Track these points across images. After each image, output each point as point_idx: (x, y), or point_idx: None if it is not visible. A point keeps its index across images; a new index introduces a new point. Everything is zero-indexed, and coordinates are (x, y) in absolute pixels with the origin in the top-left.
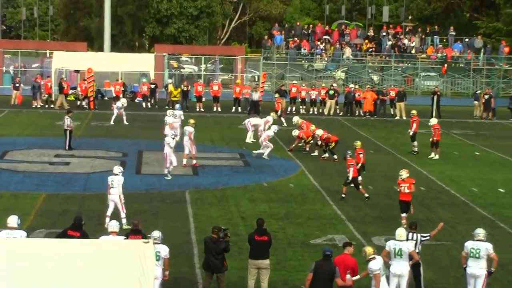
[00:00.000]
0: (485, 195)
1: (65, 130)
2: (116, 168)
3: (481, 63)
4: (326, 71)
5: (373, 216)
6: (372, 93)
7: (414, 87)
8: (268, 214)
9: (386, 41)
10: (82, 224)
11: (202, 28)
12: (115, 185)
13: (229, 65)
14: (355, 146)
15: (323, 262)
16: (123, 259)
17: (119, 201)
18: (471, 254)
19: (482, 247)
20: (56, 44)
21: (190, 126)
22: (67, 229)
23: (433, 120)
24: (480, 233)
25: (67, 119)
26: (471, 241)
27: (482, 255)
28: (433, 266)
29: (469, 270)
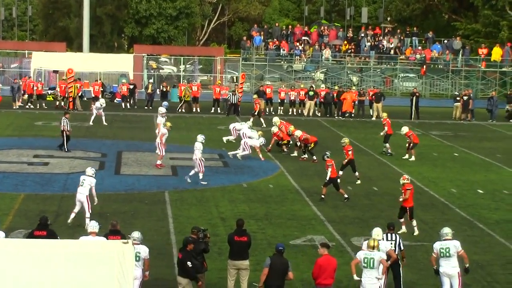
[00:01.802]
0: (464, 196)
1: (62, 132)
2: (89, 170)
3: (460, 65)
4: (305, 72)
5: (353, 217)
6: (351, 94)
7: (393, 88)
8: (248, 214)
9: (365, 42)
10: (48, 223)
11: (181, 29)
12: (85, 184)
13: (208, 66)
14: (343, 144)
15: (278, 257)
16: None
17: (86, 201)
18: (441, 254)
19: (450, 245)
20: (35, 44)
21: (166, 128)
22: (33, 230)
23: (404, 129)
24: (448, 233)
25: (64, 121)
26: (439, 242)
27: (452, 253)
28: (413, 267)
29: (442, 269)
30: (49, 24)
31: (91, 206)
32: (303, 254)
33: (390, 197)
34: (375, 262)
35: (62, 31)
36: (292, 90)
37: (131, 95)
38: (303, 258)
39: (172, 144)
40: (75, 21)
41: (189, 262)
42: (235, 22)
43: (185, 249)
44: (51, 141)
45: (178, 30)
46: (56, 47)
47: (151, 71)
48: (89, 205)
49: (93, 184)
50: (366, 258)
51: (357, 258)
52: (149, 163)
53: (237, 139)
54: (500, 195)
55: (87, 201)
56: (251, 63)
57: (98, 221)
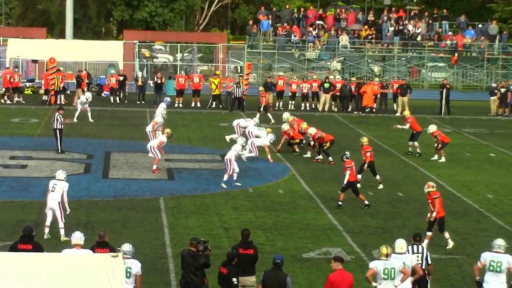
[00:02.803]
0: (501, 203)
1: (55, 130)
2: (59, 173)
3: (496, 52)
4: (320, 61)
5: (374, 226)
6: (372, 87)
7: (420, 79)
8: (254, 224)
9: (388, 27)
10: (33, 235)
11: (178, 12)
12: (56, 189)
13: (209, 54)
14: (361, 143)
15: (273, 272)
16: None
17: (58, 209)
18: (490, 267)
19: (503, 259)
20: (11, 30)
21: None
22: (17, 242)
23: (431, 128)
24: (501, 245)
25: (58, 116)
26: (490, 253)
27: (504, 268)
28: (443, 283)
29: (487, 286)
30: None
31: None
32: (317, 269)
33: (417, 204)
34: (396, 272)
35: (42, 15)
36: (305, 82)
37: (121, 88)
38: (317, 273)
39: (168, 144)
40: (56, 4)
41: (235, 278)
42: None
43: (230, 263)
44: (29, 140)
45: (174, 14)
46: (35, 33)
47: (144, 61)
48: (62, 213)
49: (65, 189)
50: (386, 268)
51: (372, 268)
52: (141, 165)
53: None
54: None
55: (60, 208)
56: (258, 51)
57: (84, 232)
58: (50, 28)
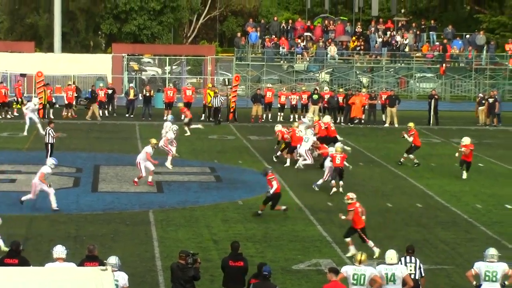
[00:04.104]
0: (490, 212)
1: (46, 144)
2: None
3: (484, 62)
4: (308, 72)
5: None
6: (361, 98)
7: (408, 90)
8: (244, 236)
9: (376, 38)
10: (20, 249)
11: (166, 25)
12: None
13: (198, 67)
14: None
15: (262, 284)
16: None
17: None
18: (486, 277)
19: (498, 268)
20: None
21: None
22: (4, 257)
23: (466, 140)
24: (494, 255)
25: (50, 131)
26: (483, 263)
27: (499, 277)
28: None
29: None
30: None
31: None
32: (307, 280)
33: (406, 215)
34: (366, 280)
35: (30, 29)
36: (294, 94)
37: (110, 101)
38: (307, 285)
39: (157, 157)
40: (44, 17)
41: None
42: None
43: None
44: (18, 154)
45: (163, 27)
46: (24, 47)
47: (132, 74)
48: None
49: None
50: (356, 274)
51: (342, 273)
52: (131, 178)
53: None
54: None
55: None
56: (246, 63)
57: (73, 246)
58: (38, 42)
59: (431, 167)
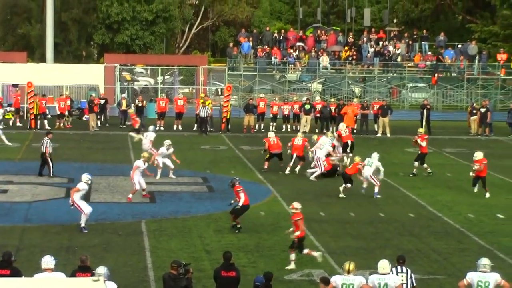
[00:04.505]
0: (482, 222)
1: (43, 154)
2: None
3: (476, 72)
4: (301, 82)
5: (356, 247)
6: (353, 107)
7: (400, 100)
8: (236, 246)
9: (368, 48)
10: (12, 260)
11: (159, 35)
12: None
13: (190, 77)
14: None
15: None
16: None
17: None
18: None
19: (491, 279)
20: None
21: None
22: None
23: (479, 154)
24: (487, 264)
25: (46, 141)
26: (476, 273)
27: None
28: None
29: None
30: (7, 31)
31: None
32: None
33: (398, 224)
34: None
35: (22, 39)
36: (286, 104)
37: (102, 111)
38: None
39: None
40: (37, 28)
41: None
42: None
43: None
44: (9, 164)
45: (155, 37)
46: (16, 57)
47: (125, 84)
48: None
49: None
50: (345, 284)
51: (331, 283)
52: (123, 188)
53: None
54: None
55: None
56: (239, 73)
57: (65, 256)
58: (30, 52)
59: (423, 177)
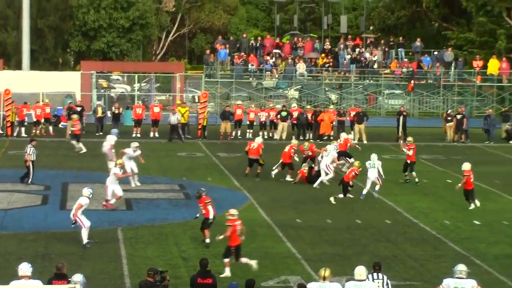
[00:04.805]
0: (458, 229)
1: (26, 162)
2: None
3: (452, 79)
4: (277, 89)
5: (333, 253)
6: (329, 114)
7: (377, 106)
8: (213, 253)
9: (345, 55)
10: None
11: (135, 42)
12: None
13: (167, 84)
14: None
15: None
16: None
17: None
18: None
19: (467, 285)
20: None
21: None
22: None
23: (466, 165)
24: (463, 270)
25: (29, 149)
26: (452, 279)
27: None
28: None
29: None
30: None
31: None
32: None
33: (375, 231)
34: None
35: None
36: (262, 111)
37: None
38: None
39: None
40: (13, 35)
41: None
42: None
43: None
44: None
45: (132, 44)
46: None
47: (101, 91)
48: None
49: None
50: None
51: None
52: (99, 196)
53: None
54: (500, 227)
55: None
56: (216, 80)
57: (41, 264)
58: (6, 59)
59: (399, 184)
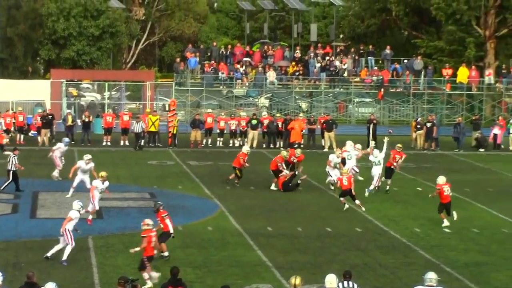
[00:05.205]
0: (429, 236)
1: (8, 171)
2: None
3: (422, 87)
4: (248, 97)
5: (303, 262)
6: (300, 122)
7: (347, 114)
8: (184, 261)
9: (315, 63)
10: None
11: (105, 50)
12: None
13: (137, 92)
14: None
15: None
16: None
17: None
18: None
19: None
20: None
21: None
22: None
23: (441, 179)
24: (433, 278)
25: (13, 158)
26: (422, 286)
27: None
28: None
29: None
30: None
31: None
32: None
33: (345, 239)
34: None
35: None
36: (233, 119)
37: (48, 127)
38: None
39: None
40: None
41: None
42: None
43: None
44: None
45: (102, 52)
46: None
47: (71, 99)
48: None
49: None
50: None
51: None
52: (70, 204)
53: None
54: (469, 234)
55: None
56: (186, 88)
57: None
58: None
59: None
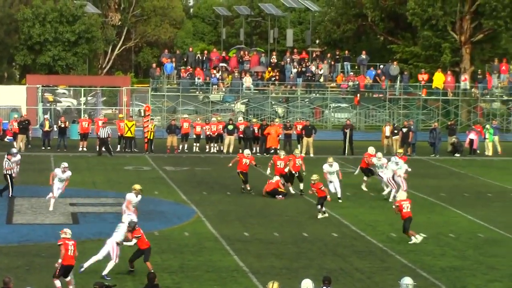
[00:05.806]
0: (405, 241)
1: (5, 175)
2: None
3: (398, 92)
4: (224, 103)
5: (280, 267)
6: (276, 128)
7: (323, 120)
8: (160, 267)
9: (291, 69)
10: None
11: (81, 56)
12: None
13: (113, 98)
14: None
15: None
16: None
17: None
18: None
19: None
20: None
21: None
22: None
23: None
24: (409, 284)
25: (6, 163)
26: None
27: None
28: None
29: None
30: None
31: None
32: None
33: (322, 244)
34: None
35: None
36: (209, 124)
37: (24, 133)
38: None
39: (72, 188)
40: None
41: None
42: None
43: None
44: None
45: (78, 57)
46: None
47: (47, 105)
48: None
49: None
50: None
51: None
52: (46, 210)
53: None
54: (446, 239)
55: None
56: (162, 93)
57: None
58: None
59: (346, 196)
